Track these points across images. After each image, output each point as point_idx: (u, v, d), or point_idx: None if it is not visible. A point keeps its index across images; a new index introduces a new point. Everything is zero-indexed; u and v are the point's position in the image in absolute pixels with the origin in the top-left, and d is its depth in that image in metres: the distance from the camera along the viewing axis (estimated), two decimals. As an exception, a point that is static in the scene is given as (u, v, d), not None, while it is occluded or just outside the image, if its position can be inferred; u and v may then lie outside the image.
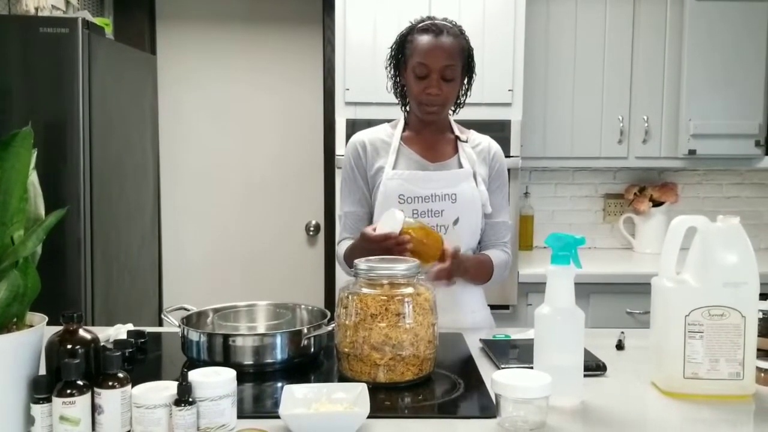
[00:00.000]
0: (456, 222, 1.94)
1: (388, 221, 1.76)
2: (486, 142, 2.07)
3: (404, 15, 2.16)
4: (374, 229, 1.78)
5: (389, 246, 1.71)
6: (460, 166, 2.00)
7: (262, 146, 3.75)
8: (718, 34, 3.13)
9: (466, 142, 2.03)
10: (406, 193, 1.93)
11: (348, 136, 2.87)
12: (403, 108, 2.06)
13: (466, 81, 2.00)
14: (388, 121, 2.10)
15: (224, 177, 3.76)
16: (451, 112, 2.06)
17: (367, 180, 2.01)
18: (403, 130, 2.04)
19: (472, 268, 1.94)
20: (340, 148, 2.88)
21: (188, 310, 1.71)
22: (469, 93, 2.04)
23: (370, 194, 2.01)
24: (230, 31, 3.71)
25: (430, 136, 2.03)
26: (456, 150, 2.03)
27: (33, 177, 1.24)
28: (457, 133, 2.05)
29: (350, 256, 1.88)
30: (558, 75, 3.21)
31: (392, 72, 2.01)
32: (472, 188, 1.97)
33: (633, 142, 3.25)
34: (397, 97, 2.05)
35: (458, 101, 2.03)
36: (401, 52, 1.97)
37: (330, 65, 3.39)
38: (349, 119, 2.88)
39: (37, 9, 2.80)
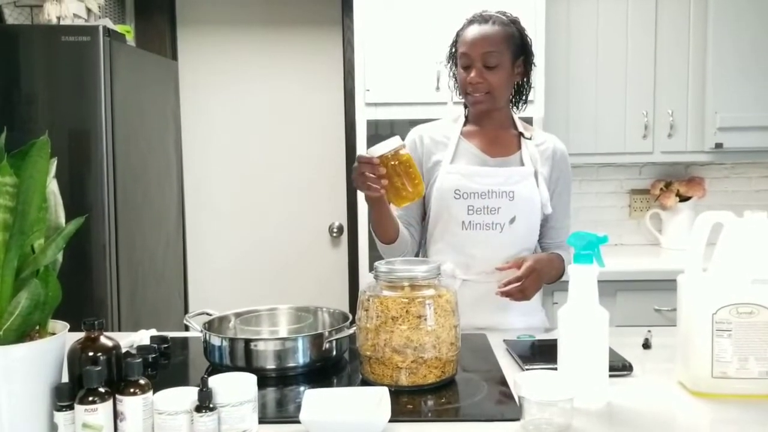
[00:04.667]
0: (512, 221, 1.89)
1: (386, 143, 1.66)
2: (551, 142, 2.01)
3: (423, 16, 2.15)
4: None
5: (362, 171, 1.63)
6: (522, 163, 1.95)
7: (285, 148, 3.76)
8: (743, 24, 3.06)
9: (530, 139, 1.98)
10: (462, 189, 1.89)
11: (369, 137, 2.88)
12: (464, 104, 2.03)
13: (524, 73, 1.95)
14: (410, 121, 2.08)
15: (247, 180, 3.78)
16: (516, 109, 2.02)
17: (422, 173, 1.94)
18: (464, 125, 2.01)
19: (546, 276, 1.90)
20: (362, 149, 2.87)
21: (210, 315, 1.72)
22: (529, 86, 1.99)
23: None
24: (251, 34, 3.72)
25: (492, 130, 1.98)
26: (518, 147, 1.97)
27: (53, 186, 1.25)
28: (521, 129, 2.00)
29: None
30: (580, 70, 3.18)
31: (451, 68, 1.99)
32: (532, 187, 1.92)
33: (658, 137, 3.20)
34: (458, 94, 2.01)
35: (520, 97, 2.00)
36: (455, 46, 1.95)
37: (350, 66, 3.39)
38: (370, 120, 2.88)
39: (59, 18, 2.83)
